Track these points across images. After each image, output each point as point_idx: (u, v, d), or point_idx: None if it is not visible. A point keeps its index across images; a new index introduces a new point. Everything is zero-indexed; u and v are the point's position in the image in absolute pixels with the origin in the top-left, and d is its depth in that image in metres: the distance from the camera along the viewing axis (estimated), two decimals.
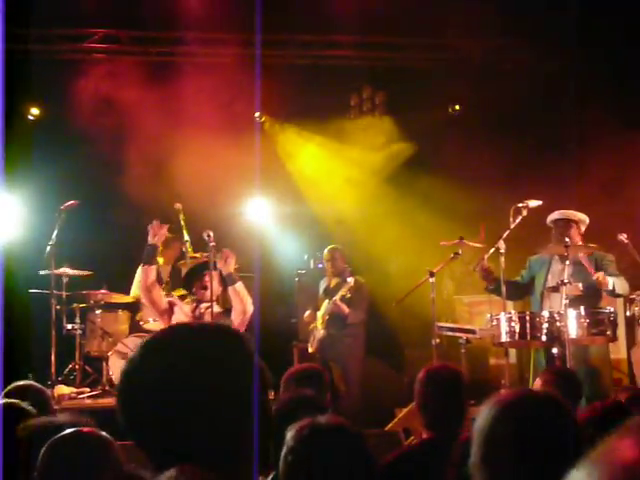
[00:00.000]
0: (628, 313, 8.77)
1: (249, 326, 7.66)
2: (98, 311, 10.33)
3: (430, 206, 10.92)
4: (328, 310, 9.79)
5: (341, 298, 9.68)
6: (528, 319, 7.67)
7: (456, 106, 12.53)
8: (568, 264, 7.60)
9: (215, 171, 10.51)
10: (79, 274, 10.15)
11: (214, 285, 7.75)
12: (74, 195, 10.10)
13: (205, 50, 11.92)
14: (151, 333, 6.87)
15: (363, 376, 9.76)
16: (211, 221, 9.52)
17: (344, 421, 2.75)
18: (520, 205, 8.01)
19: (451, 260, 8.63)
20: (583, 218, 8.20)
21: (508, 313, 7.78)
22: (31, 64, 11.21)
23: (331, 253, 10.22)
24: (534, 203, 8.05)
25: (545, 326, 7.60)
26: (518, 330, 7.64)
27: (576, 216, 8.19)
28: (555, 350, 7.63)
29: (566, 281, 7.49)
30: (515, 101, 11.38)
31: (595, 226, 8.31)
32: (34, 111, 11.81)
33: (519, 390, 2.44)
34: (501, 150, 11.38)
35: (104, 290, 10.24)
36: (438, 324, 8.59)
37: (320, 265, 10.93)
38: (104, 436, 2.82)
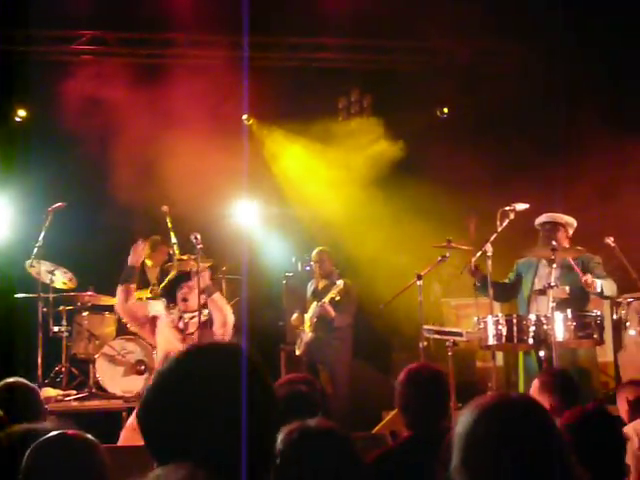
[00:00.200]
0: (615, 316, 8.80)
1: (234, 333, 7.68)
2: (85, 313, 10.29)
3: (418, 209, 10.90)
4: (316, 313, 9.79)
5: (330, 301, 9.68)
6: (515, 322, 7.67)
7: (444, 109, 12.55)
8: (555, 267, 7.60)
9: (203, 173, 10.49)
10: (63, 285, 10.15)
11: (194, 295, 7.77)
12: (61, 197, 10.08)
13: (194, 52, 11.91)
14: (137, 335, 6.79)
15: (350, 379, 9.76)
16: (199, 223, 9.51)
17: (333, 425, 2.74)
18: (507, 208, 8.02)
19: (439, 263, 8.63)
20: (571, 221, 8.22)
21: (495, 316, 7.79)
22: (18, 65, 11.21)
23: (319, 255, 10.22)
24: (521, 206, 8.06)
25: (532, 329, 7.61)
26: (505, 333, 7.65)
27: (563, 219, 8.20)
28: (542, 353, 7.64)
29: (553, 284, 7.50)
30: (503, 103, 11.40)
31: (582, 229, 8.33)
32: (21, 113, 11.77)
33: (499, 394, 2.44)
34: (489, 153, 11.38)
35: (91, 292, 10.20)
36: (425, 327, 8.58)
37: (308, 267, 10.92)
38: (89, 439, 2.81)
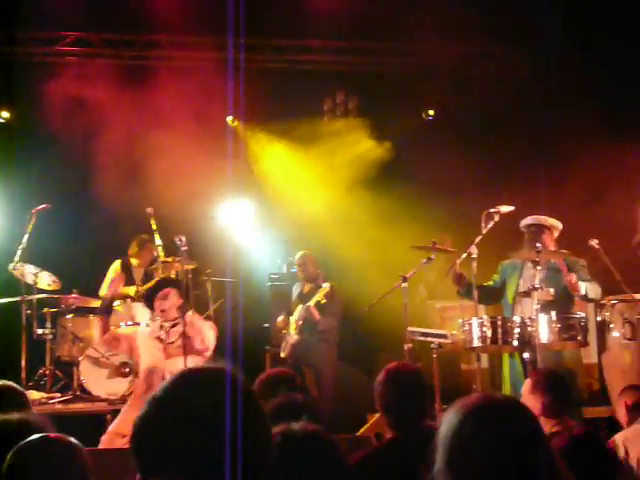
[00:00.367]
0: (599, 318, 8.81)
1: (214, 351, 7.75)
2: (69, 316, 10.23)
3: (404, 210, 10.92)
4: (301, 316, 9.78)
5: (316, 304, 9.67)
6: (500, 324, 7.67)
7: (430, 111, 12.56)
8: (540, 269, 7.61)
9: (188, 175, 10.48)
10: (48, 287, 10.10)
11: (175, 302, 7.77)
12: (45, 199, 10.05)
13: (179, 54, 11.88)
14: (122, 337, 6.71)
15: (336, 381, 9.75)
16: (184, 225, 9.50)
17: (317, 428, 2.74)
18: (492, 210, 8.03)
19: (423, 265, 8.63)
20: (555, 224, 8.23)
21: (480, 318, 7.78)
22: (2, 67, 11.16)
23: (302, 259, 10.22)
24: (506, 208, 8.07)
25: (517, 331, 7.61)
26: (490, 335, 7.65)
27: (548, 222, 8.21)
28: (526, 355, 7.65)
29: (537, 286, 7.51)
30: (488, 106, 11.44)
31: (567, 232, 8.34)
32: (4, 114, 11.73)
33: (484, 395, 2.44)
34: (475, 155, 11.40)
35: (75, 295, 10.16)
36: (410, 329, 8.58)
37: (293, 270, 10.92)
38: (72, 442, 2.80)
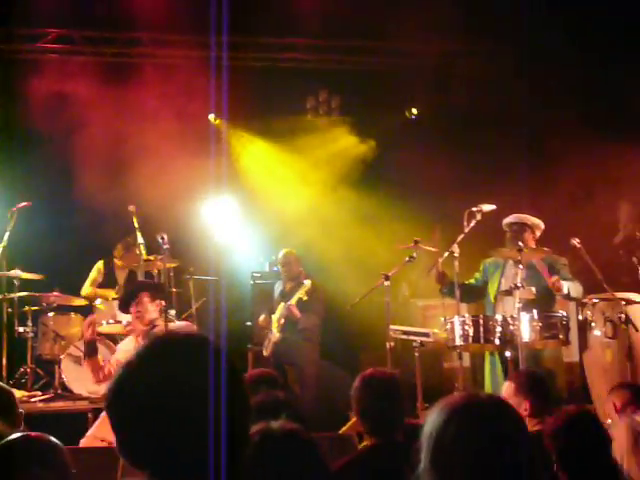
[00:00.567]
0: (580, 317, 8.84)
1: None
2: (51, 314, 10.19)
3: (386, 209, 10.94)
4: (283, 314, 9.78)
5: (298, 301, 9.67)
6: (482, 322, 7.71)
7: (413, 110, 12.57)
8: (521, 268, 7.64)
9: (170, 173, 10.44)
10: (31, 278, 10.04)
11: (149, 308, 7.72)
12: (27, 196, 10.00)
13: (161, 51, 11.84)
14: (103, 336, 6.74)
15: (318, 380, 9.75)
16: (166, 224, 9.47)
17: (296, 427, 2.73)
18: (474, 209, 8.05)
19: (406, 263, 8.64)
20: (537, 223, 8.27)
21: (462, 317, 7.81)
22: None
23: (286, 258, 10.21)
24: (488, 207, 8.10)
25: (498, 329, 7.64)
26: (472, 333, 7.68)
27: (530, 220, 8.25)
28: (508, 353, 7.68)
29: (519, 285, 7.54)
30: (471, 105, 11.46)
31: (548, 230, 8.37)
32: None
33: (468, 394, 2.44)
34: (458, 154, 11.42)
35: (57, 292, 10.11)
36: (392, 327, 8.59)
37: (276, 268, 10.91)
38: (52, 441, 2.79)
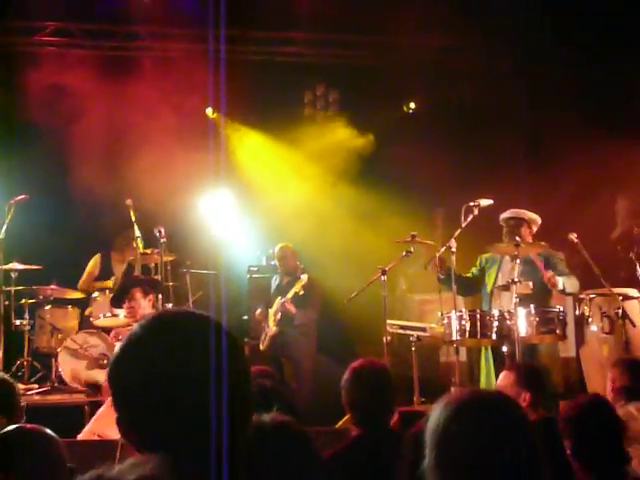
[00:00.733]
0: (577, 312, 8.85)
1: None
2: (48, 307, 10.19)
3: (383, 203, 10.94)
4: (279, 308, 9.78)
5: (294, 295, 9.67)
6: (479, 317, 7.70)
7: (411, 104, 12.57)
8: (518, 263, 7.64)
9: (168, 166, 10.44)
10: (28, 268, 10.03)
11: (142, 304, 7.75)
12: (24, 189, 9.99)
13: (159, 45, 11.82)
14: (100, 328, 6.76)
15: (314, 374, 9.76)
16: (163, 217, 9.48)
17: (288, 420, 2.73)
18: (472, 204, 8.05)
19: (403, 258, 8.64)
20: (534, 218, 8.26)
21: (459, 311, 7.81)
22: None
23: (282, 252, 10.21)
24: (486, 202, 8.09)
25: (495, 324, 7.64)
26: (469, 328, 7.67)
27: (527, 215, 8.25)
28: (505, 348, 7.69)
29: (516, 280, 7.54)
30: (470, 100, 11.46)
31: (546, 225, 8.38)
32: None
33: (472, 390, 2.45)
34: (455, 148, 11.42)
35: (54, 285, 10.11)
36: (389, 322, 8.59)
37: (273, 262, 10.91)
38: (48, 433, 2.79)
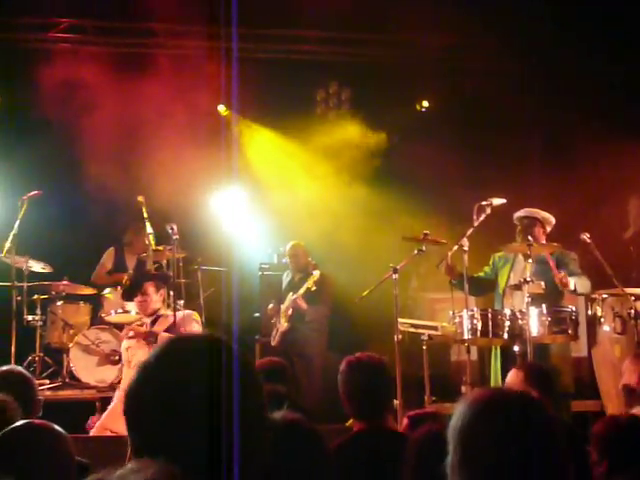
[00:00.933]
0: (589, 312, 8.82)
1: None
2: (59, 302, 10.22)
3: (396, 202, 10.91)
4: (291, 305, 9.79)
5: (306, 291, 9.68)
6: (490, 316, 7.69)
7: (424, 102, 12.54)
8: (531, 262, 7.62)
9: (180, 164, 10.45)
10: (42, 270, 10.07)
11: (154, 298, 7.79)
12: (37, 185, 10.02)
13: (172, 42, 11.83)
14: (111, 324, 6.79)
15: (325, 371, 9.75)
16: (176, 214, 9.48)
17: (300, 417, 2.73)
18: (484, 203, 8.03)
19: (415, 256, 8.62)
20: (548, 217, 8.24)
21: (470, 310, 7.80)
22: None
23: (294, 250, 10.22)
24: (498, 201, 8.07)
25: (507, 324, 7.63)
26: (480, 327, 7.67)
27: (540, 215, 8.22)
28: (517, 348, 7.67)
29: (528, 279, 7.52)
30: (483, 98, 11.41)
31: (558, 225, 8.35)
32: None
33: (496, 389, 2.45)
34: (468, 147, 11.40)
35: (66, 281, 10.14)
36: (400, 320, 8.58)
37: (284, 260, 10.91)
38: (56, 429, 2.79)
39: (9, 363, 9.09)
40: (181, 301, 9.51)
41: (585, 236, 8.13)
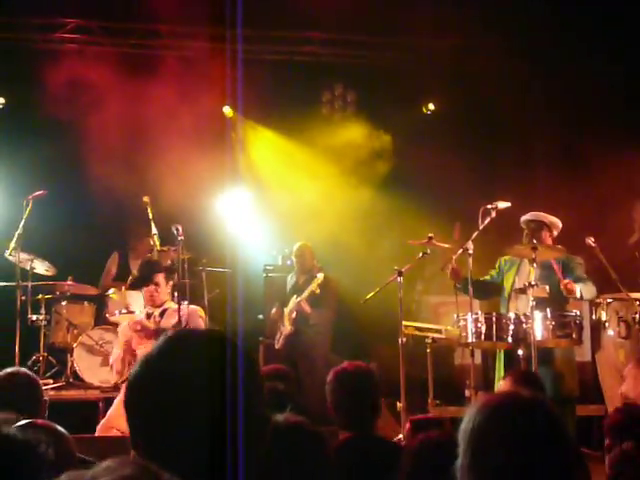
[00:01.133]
0: (594, 317, 8.80)
1: None
2: (64, 302, 10.24)
3: (401, 204, 10.91)
4: (294, 308, 9.78)
5: (310, 294, 9.67)
6: (494, 320, 7.68)
7: (430, 105, 12.53)
8: (536, 266, 7.60)
9: (185, 165, 10.46)
10: (46, 270, 10.07)
11: (164, 290, 7.82)
12: (42, 185, 10.02)
13: (178, 43, 11.84)
14: (116, 325, 6.74)
15: (328, 373, 9.71)
16: (181, 215, 9.48)
17: (302, 420, 2.73)
18: (489, 206, 8.01)
19: (419, 260, 8.61)
20: (555, 221, 8.19)
21: (475, 314, 7.78)
22: (1, 53, 11.13)
23: (300, 250, 10.21)
24: (503, 204, 8.05)
25: (511, 327, 7.61)
26: (484, 331, 7.65)
27: (548, 219, 8.18)
28: (521, 352, 7.65)
29: (533, 283, 7.50)
30: (488, 101, 11.39)
31: (564, 229, 8.33)
32: (1, 100, 11.67)
33: (508, 392, 2.44)
34: (474, 150, 11.39)
35: (70, 281, 10.15)
36: (405, 323, 8.56)
37: (289, 262, 10.90)
38: (58, 429, 2.78)
39: (13, 362, 9.12)
40: (185, 302, 9.51)
41: (590, 240, 8.11)
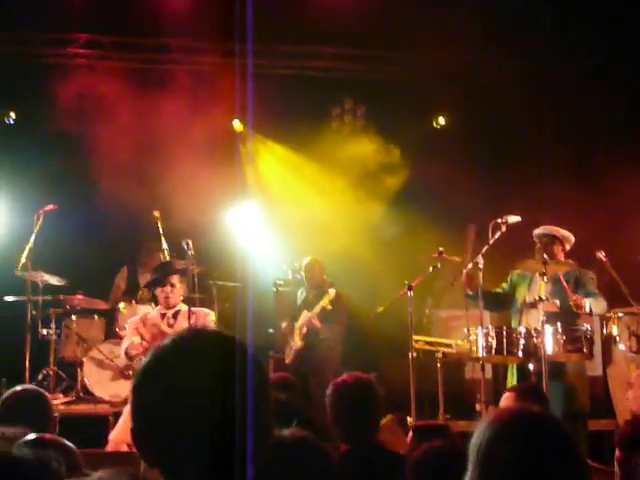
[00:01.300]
0: (605, 331, 8.78)
1: None
2: (74, 316, 10.24)
3: (411, 218, 10.90)
4: (305, 323, 9.77)
5: (321, 310, 9.65)
6: (505, 334, 7.66)
7: (440, 119, 12.53)
8: (546, 281, 7.58)
9: (195, 179, 10.47)
10: (57, 284, 10.08)
11: (178, 291, 7.84)
12: (53, 200, 10.06)
13: (188, 58, 11.88)
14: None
15: None
16: (191, 229, 9.49)
17: (308, 434, 2.71)
18: (499, 221, 7.99)
19: (430, 273, 8.60)
20: (567, 235, 8.16)
21: (485, 328, 7.76)
22: (12, 67, 11.18)
23: (310, 265, 10.19)
24: (513, 219, 8.03)
25: (522, 342, 7.59)
26: (495, 345, 7.63)
27: (560, 232, 8.15)
28: (531, 366, 7.63)
29: (544, 298, 7.48)
30: (498, 115, 11.38)
31: (576, 243, 8.30)
32: (12, 115, 11.71)
33: (519, 408, 2.43)
34: (484, 164, 11.38)
35: (80, 295, 10.17)
36: (415, 337, 8.55)
37: (299, 276, 10.89)
38: (66, 444, 2.78)
39: (24, 376, 9.14)
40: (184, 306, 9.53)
41: (601, 254, 8.09)
